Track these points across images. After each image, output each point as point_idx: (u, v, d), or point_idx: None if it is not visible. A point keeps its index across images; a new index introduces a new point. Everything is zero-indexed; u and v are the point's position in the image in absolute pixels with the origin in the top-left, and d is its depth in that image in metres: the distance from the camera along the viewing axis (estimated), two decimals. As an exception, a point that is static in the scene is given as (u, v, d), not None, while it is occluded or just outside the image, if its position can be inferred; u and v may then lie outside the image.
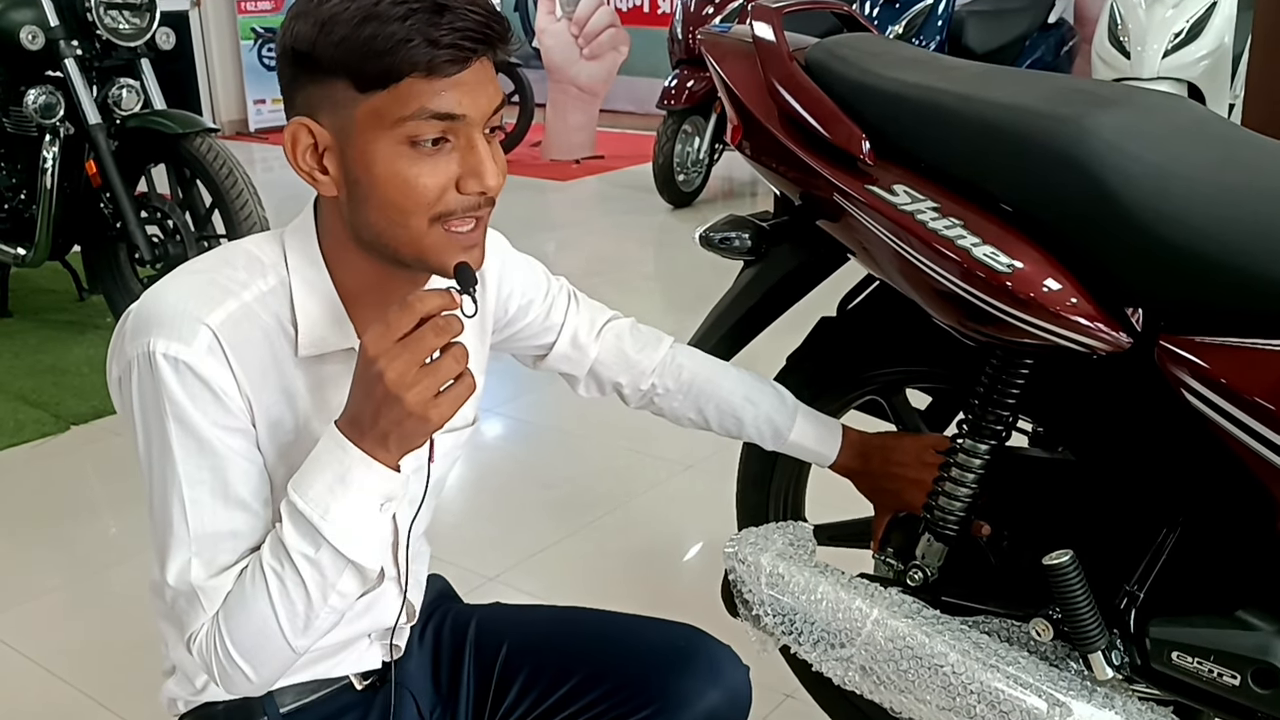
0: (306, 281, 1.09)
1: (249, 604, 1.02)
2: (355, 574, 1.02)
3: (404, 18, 0.95)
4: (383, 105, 0.97)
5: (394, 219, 1.02)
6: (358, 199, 1.02)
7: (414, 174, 1.00)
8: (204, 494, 1.04)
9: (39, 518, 2.81)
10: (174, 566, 1.05)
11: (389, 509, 1.03)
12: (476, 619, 1.38)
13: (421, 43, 0.95)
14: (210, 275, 1.08)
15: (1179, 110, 1.31)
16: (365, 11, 0.95)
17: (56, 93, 3.81)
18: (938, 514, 1.48)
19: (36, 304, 4.47)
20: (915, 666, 1.36)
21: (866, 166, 1.34)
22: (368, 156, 1.00)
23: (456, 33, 0.96)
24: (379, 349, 0.96)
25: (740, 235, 1.56)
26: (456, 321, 0.99)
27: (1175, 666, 1.28)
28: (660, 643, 1.30)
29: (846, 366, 1.64)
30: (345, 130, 1.00)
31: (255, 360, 1.06)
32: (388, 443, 0.99)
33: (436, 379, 0.97)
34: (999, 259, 1.23)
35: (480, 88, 1.00)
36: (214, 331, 1.03)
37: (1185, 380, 1.17)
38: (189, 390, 1.02)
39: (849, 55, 1.43)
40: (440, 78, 0.97)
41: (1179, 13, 4.60)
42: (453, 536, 2.67)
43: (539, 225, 5.92)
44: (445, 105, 0.98)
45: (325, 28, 0.96)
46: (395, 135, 0.98)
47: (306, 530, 1.00)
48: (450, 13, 0.96)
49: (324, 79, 0.99)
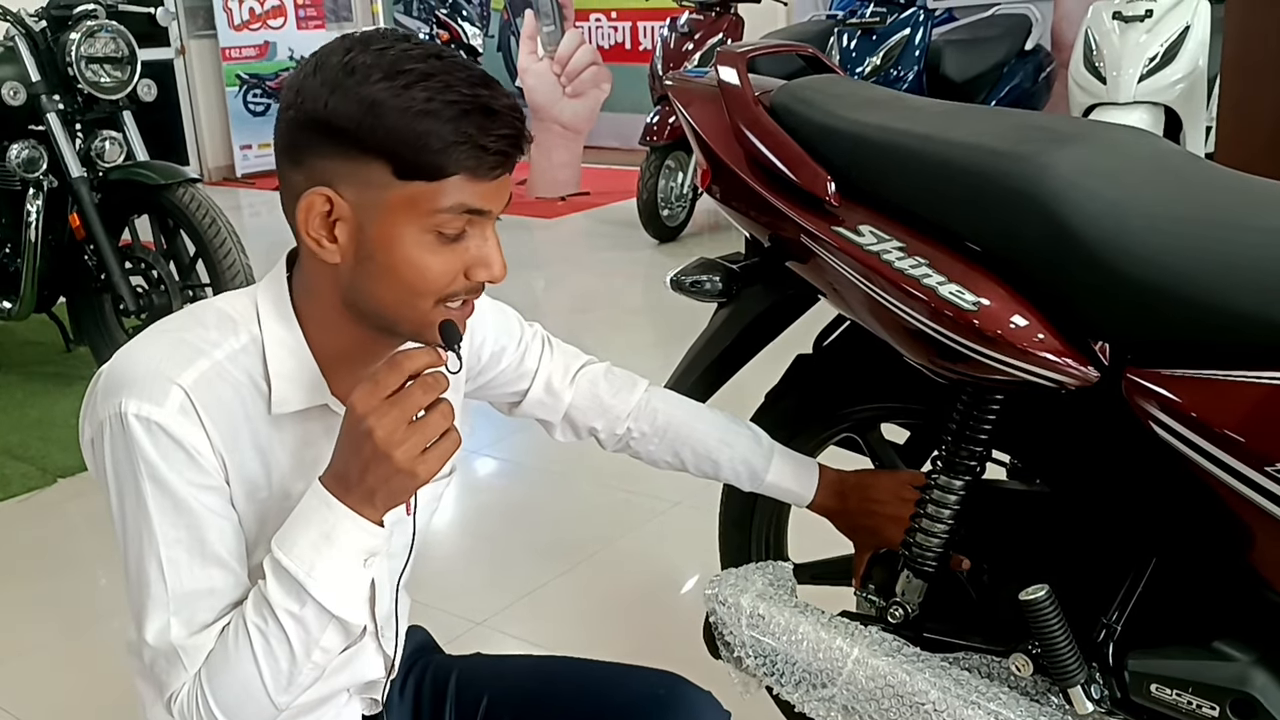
0: (279, 339, 1.10)
1: (233, 662, 1.02)
2: (339, 629, 1.03)
3: (457, 119, 0.98)
4: (420, 195, 1.00)
5: (403, 299, 1.04)
6: (367, 274, 1.04)
7: (432, 262, 1.03)
8: (181, 553, 1.04)
9: (27, 573, 2.80)
10: (153, 626, 1.05)
11: (372, 564, 1.04)
12: (457, 671, 1.38)
13: (473, 147, 0.98)
14: (181, 334, 1.08)
15: (1139, 145, 1.33)
16: (419, 105, 0.97)
17: (39, 147, 3.83)
18: (916, 550, 1.48)
19: (23, 357, 4.46)
20: (897, 705, 1.36)
21: (832, 208, 1.35)
22: (391, 238, 1.01)
23: (504, 140, 1.00)
24: (368, 406, 0.98)
25: (711, 278, 1.57)
26: (443, 378, 1.01)
27: (1154, 699, 1.28)
28: (641, 692, 1.30)
29: (823, 403, 1.65)
30: (371, 209, 1.01)
31: (228, 419, 1.06)
32: (374, 499, 1.01)
33: (424, 435, 0.99)
34: (965, 297, 1.24)
35: (506, 187, 1.05)
36: (186, 391, 1.03)
37: (1152, 413, 1.18)
38: (162, 451, 1.02)
39: (813, 98, 1.44)
40: (483, 180, 1.01)
41: (1153, 37, 4.63)
42: (440, 581, 2.67)
43: (526, 263, 5.94)
44: (480, 203, 1.02)
45: (373, 111, 0.97)
46: (425, 224, 1.01)
47: (292, 587, 1.00)
48: (499, 119, 1.00)
49: (358, 157, 1.00)
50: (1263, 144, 2.84)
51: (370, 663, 1.26)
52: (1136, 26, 4.67)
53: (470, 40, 7.50)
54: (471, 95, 0.98)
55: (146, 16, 4.19)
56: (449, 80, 0.98)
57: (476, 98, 0.99)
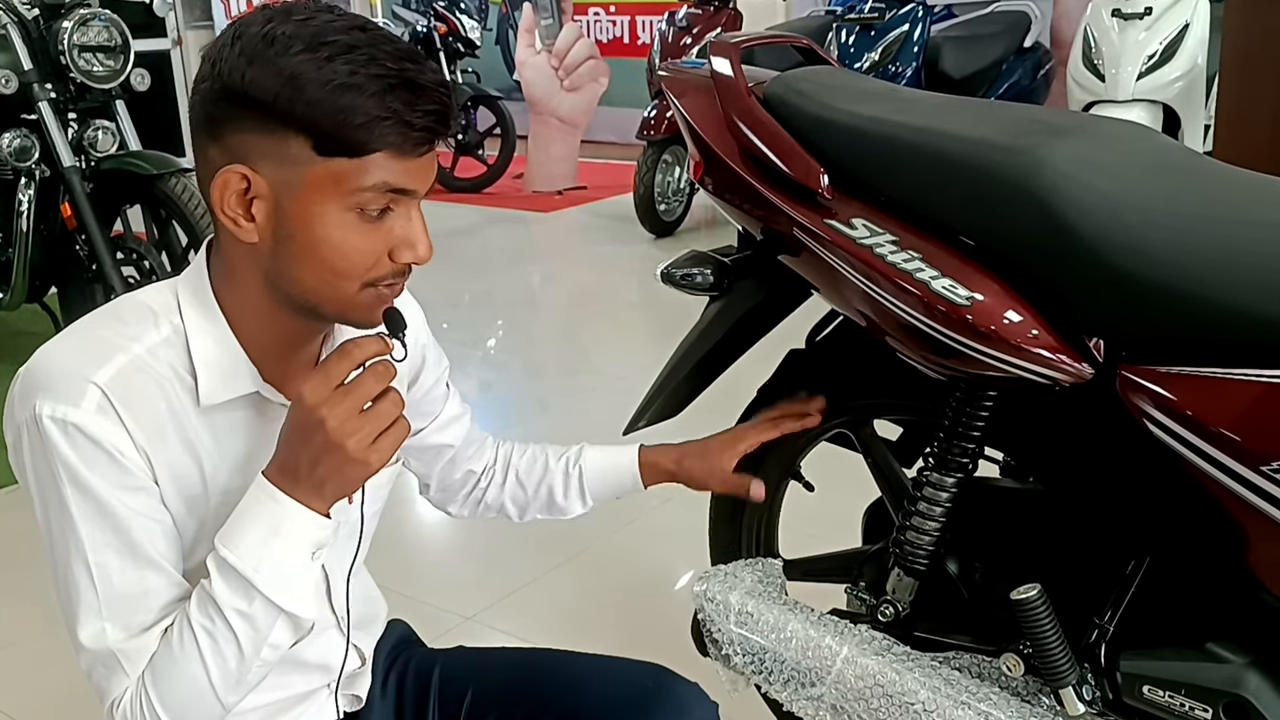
0: (202, 329, 1.06)
1: (179, 663, 1.00)
2: (289, 624, 1.01)
3: (381, 94, 0.94)
4: (341, 172, 0.96)
5: (326, 279, 1.01)
6: (287, 254, 1.00)
7: (354, 242, 0.99)
8: (110, 556, 1.01)
9: (12, 565, 2.78)
10: (86, 633, 1.02)
11: (320, 557, 1.02)
12: (440, 666, 1.36)
13: (398, 123, 0.95)
14: (97, 331, 1.04)
15: (1137, 139, 1.31)
16: (341, 79, 0.93)
17: (31, 136, 3.81)
18: (907, 548, 1.47)
19: (15, 347, 4.43)
20: (886, 705, 1.35)
21: (825, 200, 1.33)
22: (310, 217, 0.98)
23: (429, 116, 0.97)
24: (319, 397, 0.96)
25: (702, 271, 1.55)
26: (393, 367, 1.00)
27: (1147, 701, 1.26)
28: (627, 683, 1.28)
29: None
30: (289, 186, 0.98)
31: (150, 415, 1.02)
32: (324, 490, 0.99)
33: (376, 424, 0.98)
34: (958, 292, 1.23)
35: (431, 166, 1.02)
36: (103, 389, 0.99)
37: (1147, 410, 1.16)
38: (81, 453, 0.99)
39: (807, 89, 1.42)
40: (407, 158, 0.98)
41: (1152, 35, 4.62)
42: (430, 576, 2.65)
43: (523, 257, 5.92)
44: (404, 182, 0.99)
45: (293, 83, 0.94)
46: (346, 202, 0.98)
47: (239, 584, 0.98)
48: (425, 95, 0.96)
49: (276, 131, 0.96)
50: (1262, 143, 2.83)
51: (332, 648, 1.24)
52: (1136, 24, 4.66)
53: (468, 33, 7.47)
54: (397, 69, 0.95)
55: (143, 6, 4.18)
56: (374, 53, 0.95)
57: (402, 72, 0.95)
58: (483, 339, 4.68)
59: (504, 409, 3.86)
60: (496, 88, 7.85)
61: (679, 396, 1.66)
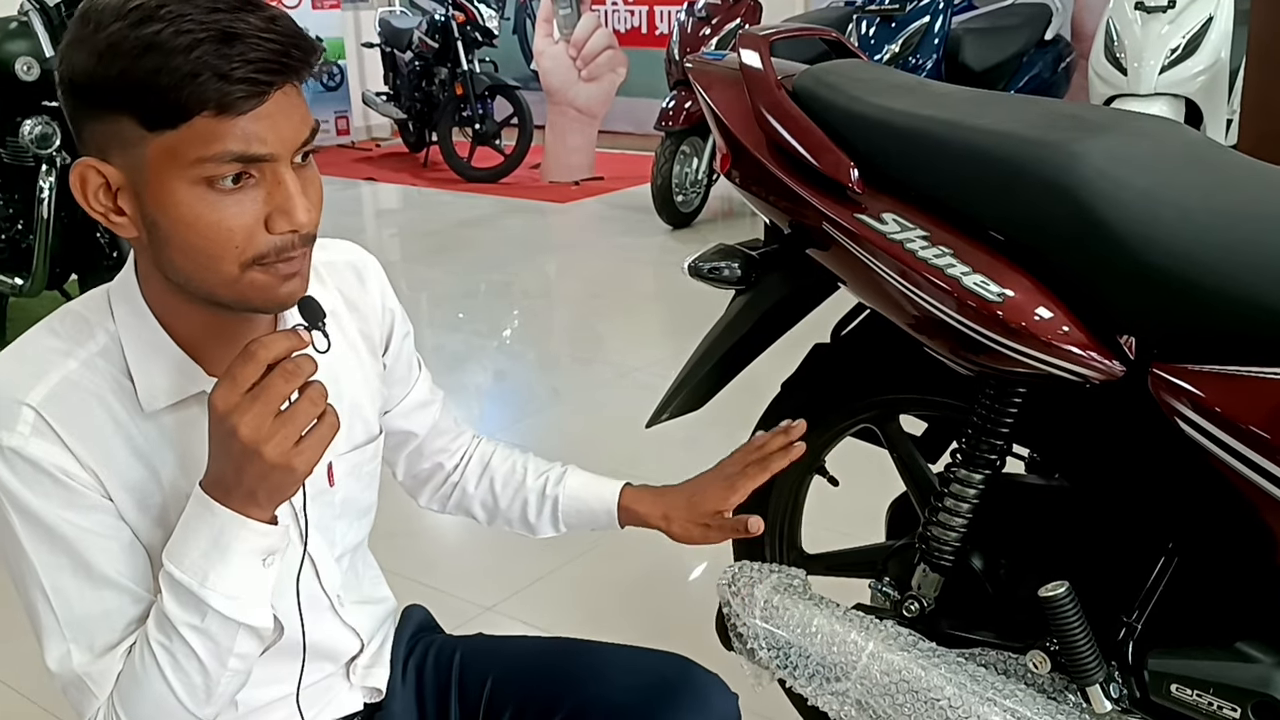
0: (134, 332, 1.01)
1: (143, 684, 0.97)
2: (250, 634, 0.98)
3: (189, 49, 0.85)
4: (173, 144, 0.89)
5: (201, 263, 0.93)
6: (159, 242, 0.94)
7: (216, 217, 0.91)
8: (66, 579, 0.98)
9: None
10: (52, 656, 1.00)
11: (273, 562, 0.98)
12: (460, 652, 1.35)
13: (210, 77, 0.86)
14: (28, 350, 1.01)
15: (1169, 135, 1.30)
16: (145, 41, 0.86)
17: (53, 123, 3.81)
18: (933, 544, 1.46)
19: (35, 333, 4.46)
20: (912, 700, 1.35)
21: (855, 195, 1.33)
22: (164, 198, 0.91)
23: (249, 65, 0.87)
24: (228, 404, 0.90)
25: (730, 264, 1.54)
26: (307, 362, 0.93)
27: (1174, 699, 1.26)
28: (648, 673, 1.28)
29: (840, 394, 1.63)
30: (137, 170, 0.91)
31: (92, 429, 0.98)
32: (257, 498, 0.94)
33: (295, 426, 0.91)
34: (989, 288, 1.22)
35: (284, 118, 0.91)
36: (36, 410, 0.96)
37: (1179, 409, 1.16)
38: (23, 478, 0.95)
39: (837, 82, 1.42)
40: (235, 115, 0.88)
41: (1175, 28, 4.58)
42: (450, 566, 2.66)
43: (539, 248, 5.91)
44: (244, 144, 0.89)
45: (104, 59, 0.87)
46: (191, 175, 0.90)
47: (188, 599, 0.95)
48: (241, 42, 0.87)
49: (107, 115, 0.90)
50: (1287, 137, 2.81)
51: (344, 641, 1.23)
52: (1159, 17, 4.62)
53: (486, 22, 7.46)
54: (208, 22, 0.86)
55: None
56: (182, 9, 0.86)
57: (214, 24, 0.86)
58: (499, 329, 4.68)
59: (519, 399, 3.86)
60: (514, 77, 7.84)
61: (703, 390, 1.66)
